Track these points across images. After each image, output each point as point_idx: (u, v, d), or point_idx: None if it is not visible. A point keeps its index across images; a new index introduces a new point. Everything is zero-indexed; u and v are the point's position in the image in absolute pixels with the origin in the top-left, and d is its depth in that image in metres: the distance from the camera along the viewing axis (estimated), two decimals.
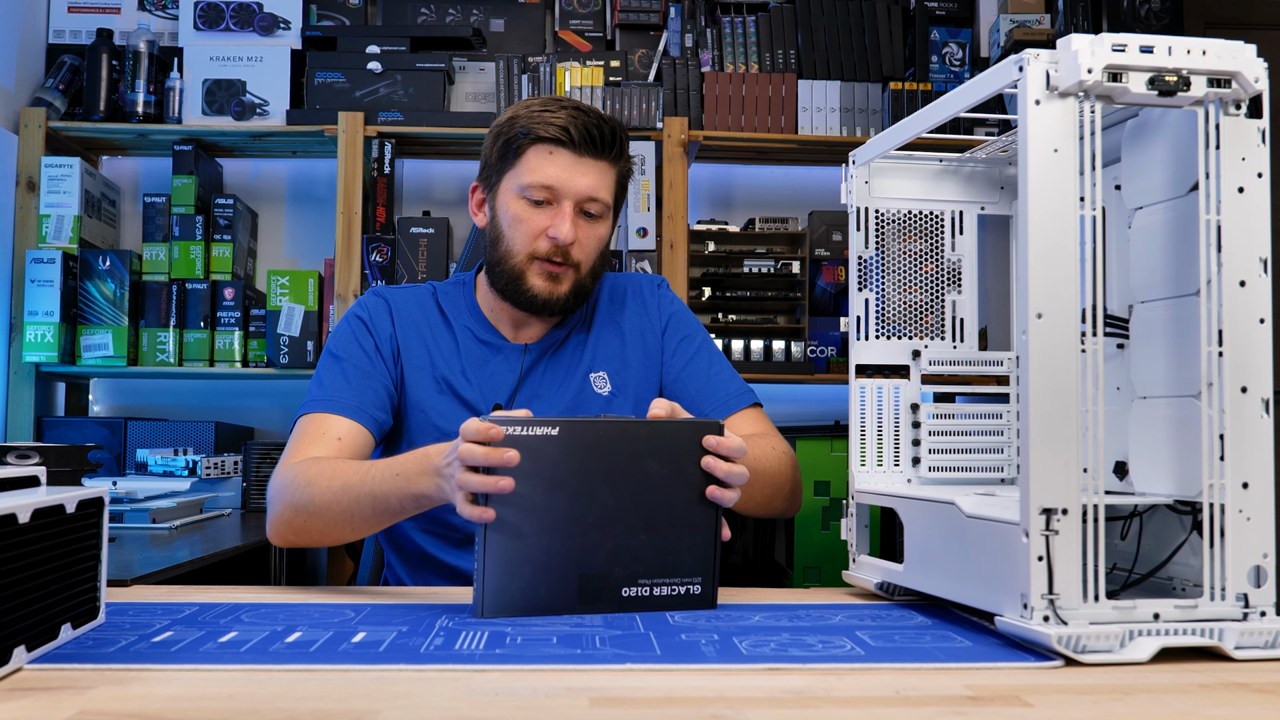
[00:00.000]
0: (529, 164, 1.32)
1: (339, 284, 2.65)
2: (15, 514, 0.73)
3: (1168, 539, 0.97)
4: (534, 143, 1.31)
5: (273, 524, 1.24)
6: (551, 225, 1.31)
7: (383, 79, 2.76)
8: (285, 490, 1.22)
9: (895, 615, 1.02)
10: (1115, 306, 1.05)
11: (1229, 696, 0.74)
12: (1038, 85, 0.86)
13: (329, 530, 1.19)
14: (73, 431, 2.66)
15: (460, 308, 1.43)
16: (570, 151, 1.31)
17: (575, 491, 1.00)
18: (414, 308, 1.41)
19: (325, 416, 1.29)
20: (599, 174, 1.33)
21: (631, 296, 1.46)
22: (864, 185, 1.20)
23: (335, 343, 1.38)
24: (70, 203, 2.67)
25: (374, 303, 1.41)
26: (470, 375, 1.37)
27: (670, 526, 1.03)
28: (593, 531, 1.00)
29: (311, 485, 1.19)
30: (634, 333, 1.43)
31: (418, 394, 1.36)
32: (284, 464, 1.26)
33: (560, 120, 1.30)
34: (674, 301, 1.48)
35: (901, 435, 1.19)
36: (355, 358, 1.35)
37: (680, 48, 2.89)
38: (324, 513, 1.18)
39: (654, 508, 1.02)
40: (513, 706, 0.69)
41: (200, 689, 0.73)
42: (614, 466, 1.01)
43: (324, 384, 1.33)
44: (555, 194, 1.31)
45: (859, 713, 0.69)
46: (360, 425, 1.30)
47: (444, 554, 1.35)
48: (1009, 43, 2.82)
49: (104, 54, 2.74)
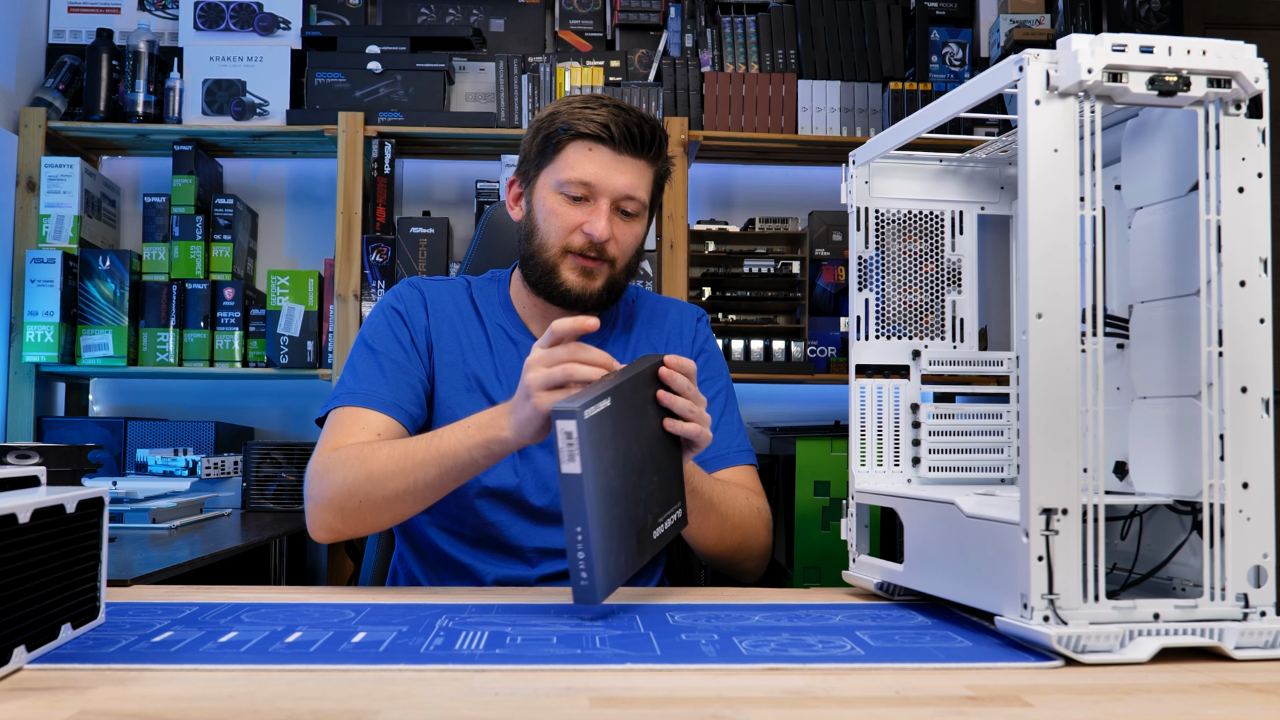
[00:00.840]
0: (568, 160, 1.31)
1: (339, 284, 2.65)
2: (15, 514, 0.73)
3: (1168, 539, 0.97)
4: (574, 139, 1.31)
5: (318, 512, 1.21)
6: (587, 222, 1.31)
7: (383, 79, 2.76)
8: (333, 473, 1.19)
9: (895, 615, 1.02)
10: (1115, 306, 1.05)
11: (1229, 696, 0.74)
12: (1038, 85, 0.86)
13: (387, 505, 1.17)
14: (73, 431, 2.66)
15: (494, 304, 1.42)
16: (610, 149, 1.31)
17: (626, 454, 1.02)
18: (448, 301, 1.40)
19: (361, 410, 1.27)
20: (637, 173, 1.33)
21: (673, 321, 1.47)
22: (864, 185, 1.20)
23: (370, 332, 1.36)
24: (70, 203, 2.67)
25: (409, 294, 1.40)
26: (503, 377, 1.36)
27: (662, 462, 1.08)
28: (637, 488, 1.03)
29: (368, 461, 1.17)
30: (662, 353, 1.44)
31: (446, 390, 1.35)
32: (322, 452, 1.23)
33: (601, 117, 1.30)
34: (711, 339, 1.49)
35: (901, 435, 1.19)
36: (391, 350, 1.34)
37: (680, 48, 2.89)
38: (385, 484, 1.15)
39: (653, 447, 1.07)
40: (513, 706, 0.69)
41: (200, 689, 0.73)
42: (635, 421, 1.04)
43: (359, 376, 1.31)
44: (593, 191, 1.31)
45: (859, 713, 0.69)
46: (396, 421, 1.28)
47: (459, 552, 1.35)
48: (1009, 43, 2.82)
49: (104, 54, 2.74)
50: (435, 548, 1.36)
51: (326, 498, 1.20)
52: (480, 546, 1.35)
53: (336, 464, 1.20)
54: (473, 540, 1.35)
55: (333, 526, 1.21)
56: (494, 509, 1.33)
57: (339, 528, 1.21)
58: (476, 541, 1.35)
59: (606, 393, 0.99)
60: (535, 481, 1.34)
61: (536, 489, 1.34)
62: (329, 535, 1.22)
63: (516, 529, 1.33)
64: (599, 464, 0.97)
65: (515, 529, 1.33)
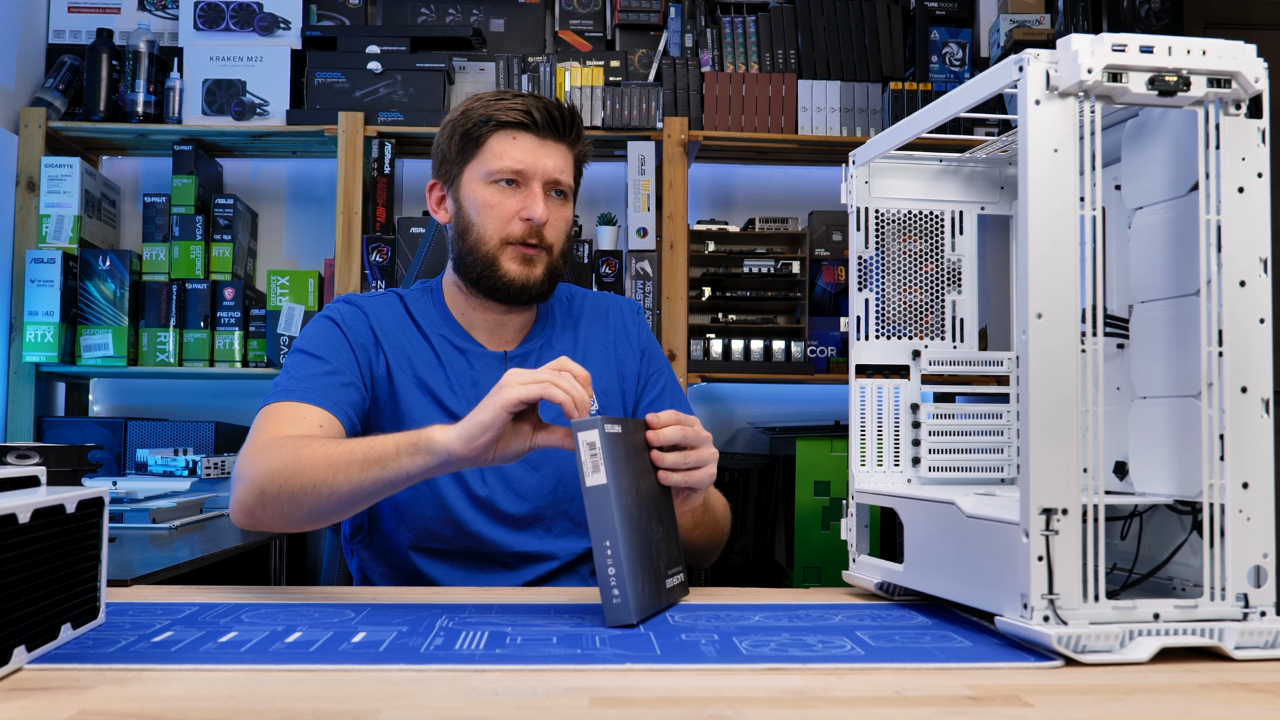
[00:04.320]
0: (494, 150, 1.31)
1: (339, 284, 2.65)
2: (15, 514, 0.72)
3: (1168, 539, 0.97)
4: (496, 129, 1.31)
5: (238, 490, 1.14)
6: (524, 207, 1.30)
7: (383, 79, 2.76)
8: (262, 455, 1.13)
9: (895, 615, 1.02)
10: (1115, 306, 1.05)
11: (1229, 696, 0.74)
12: (1038, 85, 0.86)
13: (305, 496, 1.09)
14: (73, 431, 2.66)
15: (432, 315, 1.39)
16: (534, 134, 1.31)
17: (637, 490, 1.01)
18: (389, 317, 1.37)
19: (299, 404, 1.22)
20: (562, 156, 1.34)
21: (615, 318, 1.47)
22: (864, 185, 1.20)
23: (305, 342, 1.31)
24: (70, 203, 2.67)
25: (346, 310, 1.35)
26: (457, 389, 1.34)
27: (665, 519, 1.08)
28: (650, 530, 1.02)
29: (298, 449, 1.11)
30: (612, 354, 1.43)
31: (408, 402, 1.32)
32: (255, 439, 1.18)
33: (520, 105, 1.31)
34: (650, 333, 1.50)
35: (901, 435, 1.19)
36: (330, 356, 1.29)
37: (680, 48, 2.89)
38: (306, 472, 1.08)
39: (656, 500, 1.06)
40: (513, 706, 0.69)
41: (200, 689, 0.73)
42: (639, 463, 1.04)
43: (297, 377, 1.25)
44: (524, 175, 1.31)
45: (859, 713, 0.69)
46: (338, 421, 1.23)
47: (437, 570, 1.33)
48: (1009, 43, 2.82)
49: (104, 54, 2.74)
50: (414, 569, 1.34)
51: (250, 478, 1.13)
52: (460, 560, 1.33)
53: (271, 447, 1.14)
54: (453, 554, 1.33)
55: (250, 509, 1.14)
56: (474, 518, 1.32)
57: (256, 512, 1.14)
58: (456, 554, 1.33)
59: (617, 420, 1.00)
60: (504, 488, 1.33)
61: (508, 497, 1.33)
62: (245, 518, 1.15)
63: (496, 534, 1.32)
64: (620, 481, 0.96)
65: (495, 534, 1.32)
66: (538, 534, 1.34)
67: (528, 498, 1.34)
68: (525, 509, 1.33)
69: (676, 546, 1.09)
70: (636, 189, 2.74)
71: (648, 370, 1.45)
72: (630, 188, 2.75)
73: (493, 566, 1.33)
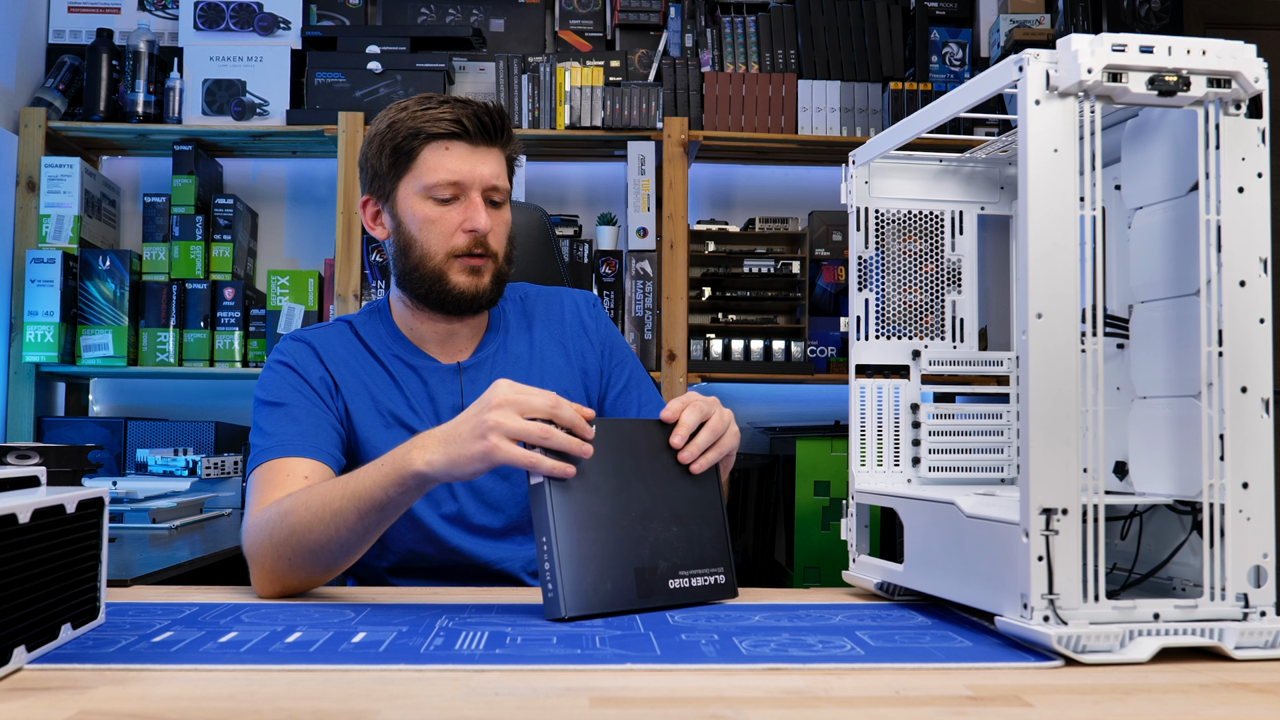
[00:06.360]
0: (427, 163, 1.29)
1: (339, 284, 2.65)
2: (15, 514, 0.72)
3: (1168, 539, 0.97)
4: (427, 141, 1.29)
5: (257, 576, 1.14)
6: (466, 219, 1.29)
7: (383, 79, 2.76)
8: (261, 533, 1.13)
9: (895, 615, 1.02)
10: (1115, 306, 1.05)
11: (1229, 696, 0.74)
12: (1038, 85, 0.86)
13: (315, 558, 1.10)
14: (73, 431, 2.66)
15: (382, 335, 1.37)
16: (466, 143, 1.29)
17: (616, 487, 1.03)
18: (338, 346, 1.35)
19: (283, 461, 1.21)
20: (496, 160, 1.32)
21: (569, 312, 1.45)
22: (864, 185, 1.20)
23: (266, 393, 1.30)
24: (70, 203, 2.67)
25: (295, 348, 1.33)
26: (416, 406, 1.33)
27: (692, 519, 1.08)
28: (636, 526, 1.03)
29: (289, 515, 1.11)
30: (572, 352, 1.42)
31: (366, 431, 1.31)
32: (251, 513, 1.18)
33: (449, 114, 1.29)
34: (609, 324, 1.48)
35: (901, 435, 1.19)
36: (294, 401, 1.28)
37: (680, 48, 2.89)
38: (307, 538, 1.09)
39: (676, 501, 1.07)
40: (513, 706, 0.69)
41: (200, 689, 0.73)
42: (639, 464, 1.05)
43: (269, 433, 1.25)
44: (462, 187, 1.29)
45: (859, 713, 0.69)
46: (323, 464, 1.23)
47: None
48: (1009, 43, 2.83)
49: (104, 54, 2.74)
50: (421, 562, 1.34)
51: (260, 560, 1.13)
52: (447, 578, 1.32)
53: (262, 526, 1.13)
54: (439, 571, 1.32)
55: (271, 588, 1.14)
56: (451, 533, 1.31)
57: (277, 589, 1.13)
58: (442, 572, 1.32)
59: (624, 421, 1.01)
60: (475, 501, 1.32)
61: (480, 509, 1.32)
62: (273, 595, 1.14)
63: (478, 547, 1.31)
64: (584, 479, 1.00)
65: (477, 547, 1.31)
66: (518, 542, 1.34)
67: (501, 508, 1.33)
68: (500, 520, 1.33)
69: (714, 549, 1.09)
70: (636, 189, 2.74)
71: (610, 363, 1.44)
72: (630, 188, 2.75)
73: (482, 580, 1.32)
